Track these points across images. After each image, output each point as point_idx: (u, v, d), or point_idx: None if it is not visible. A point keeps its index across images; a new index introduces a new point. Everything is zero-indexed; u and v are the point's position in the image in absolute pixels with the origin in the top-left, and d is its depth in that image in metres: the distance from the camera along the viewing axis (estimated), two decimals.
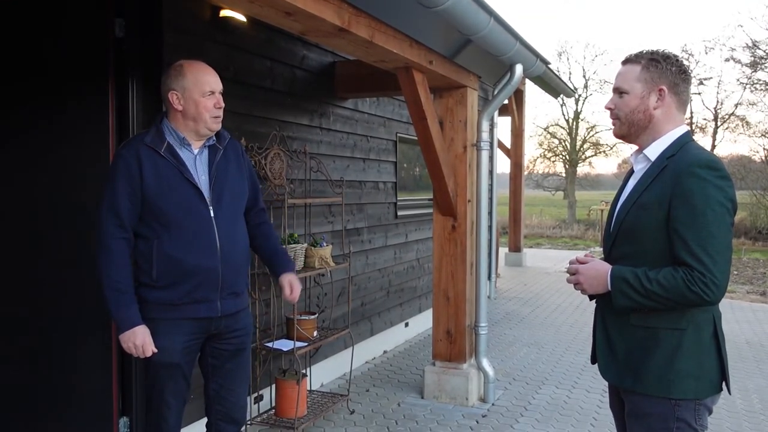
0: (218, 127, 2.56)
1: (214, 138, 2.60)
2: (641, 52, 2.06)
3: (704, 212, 1.82)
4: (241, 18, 3.80)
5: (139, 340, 2.40)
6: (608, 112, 2.11)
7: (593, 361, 2.18)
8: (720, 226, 1.82)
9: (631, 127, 2.05)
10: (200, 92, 2.47)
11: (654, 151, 2.01)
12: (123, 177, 2.41)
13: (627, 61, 2.07)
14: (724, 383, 1.96)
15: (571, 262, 2.09)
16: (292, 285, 2.75)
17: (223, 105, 2.55)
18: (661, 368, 1.91)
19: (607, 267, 1.99)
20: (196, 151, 2.54)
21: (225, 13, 3.67)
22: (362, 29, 3.09)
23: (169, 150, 2.47)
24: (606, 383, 2.19)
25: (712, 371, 1.92)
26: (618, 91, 2.06)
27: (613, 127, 2.12)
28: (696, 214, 1.82)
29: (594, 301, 2.14)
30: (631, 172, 2.12)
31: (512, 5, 45.21)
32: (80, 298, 3.22)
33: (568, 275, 2.10)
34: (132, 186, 2.41)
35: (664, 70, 2.00)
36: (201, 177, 2.51)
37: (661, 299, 1.86)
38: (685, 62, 2.07)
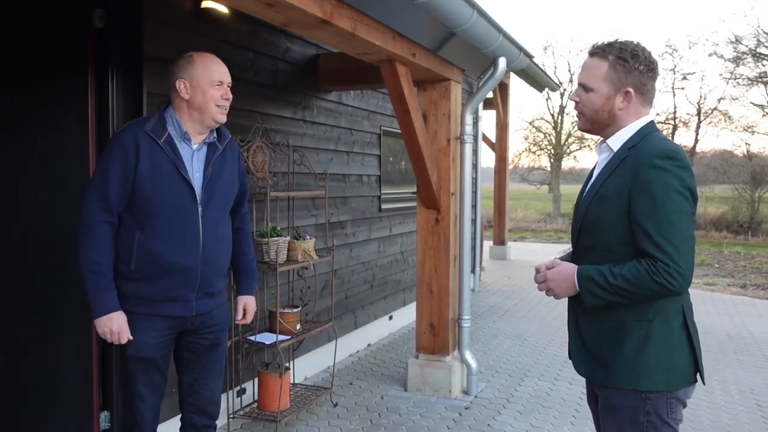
0: (224, 119, 2.52)
1: (215, 135, 2.56)
2: (610, 46, 1.98)
3: (664, 202, 1.80)
4: (223, 9, 3.77)
5: (116, 326, 2.36)
6: (574, 103, 2.07)
7: (570, 356, 2.19)
8: (680, 215, 1.81)
9: (594, 123, 2.03)
10: (209, 81, 2.45)
11: (617, 141, 1.99)
12: (118, 160, 2.36)
13: (594, 54, 2.00)
14: (698, 375, 1.94)
15: (537, 270, 2.05)
16: (246, 309, 2.80)
17: (230, 97, 2.52)
18: (630, 360, 1.90)
19: (573, 268, 1.96)
20: (194, 147, 2.50)
21: (206, 4, 3.63)
22: (344, 21, 3.08)
23: (168, 142, 2.42)
24: None
25: (684, 363, 1.90)
26: (583, 87, 2.01)
27: (577, 120, 2.09)
28: (656, 204, 1.81)
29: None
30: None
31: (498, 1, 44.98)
32: (60, 293, 3.19)
33: (537, 285, 2.05)
34: (125, 171, 2.36)
35: (631, 70, 1.94)
36: (195, 174, 2.47)
37: (628, 293, 1.84)
38: (653, 56, 2.00)
